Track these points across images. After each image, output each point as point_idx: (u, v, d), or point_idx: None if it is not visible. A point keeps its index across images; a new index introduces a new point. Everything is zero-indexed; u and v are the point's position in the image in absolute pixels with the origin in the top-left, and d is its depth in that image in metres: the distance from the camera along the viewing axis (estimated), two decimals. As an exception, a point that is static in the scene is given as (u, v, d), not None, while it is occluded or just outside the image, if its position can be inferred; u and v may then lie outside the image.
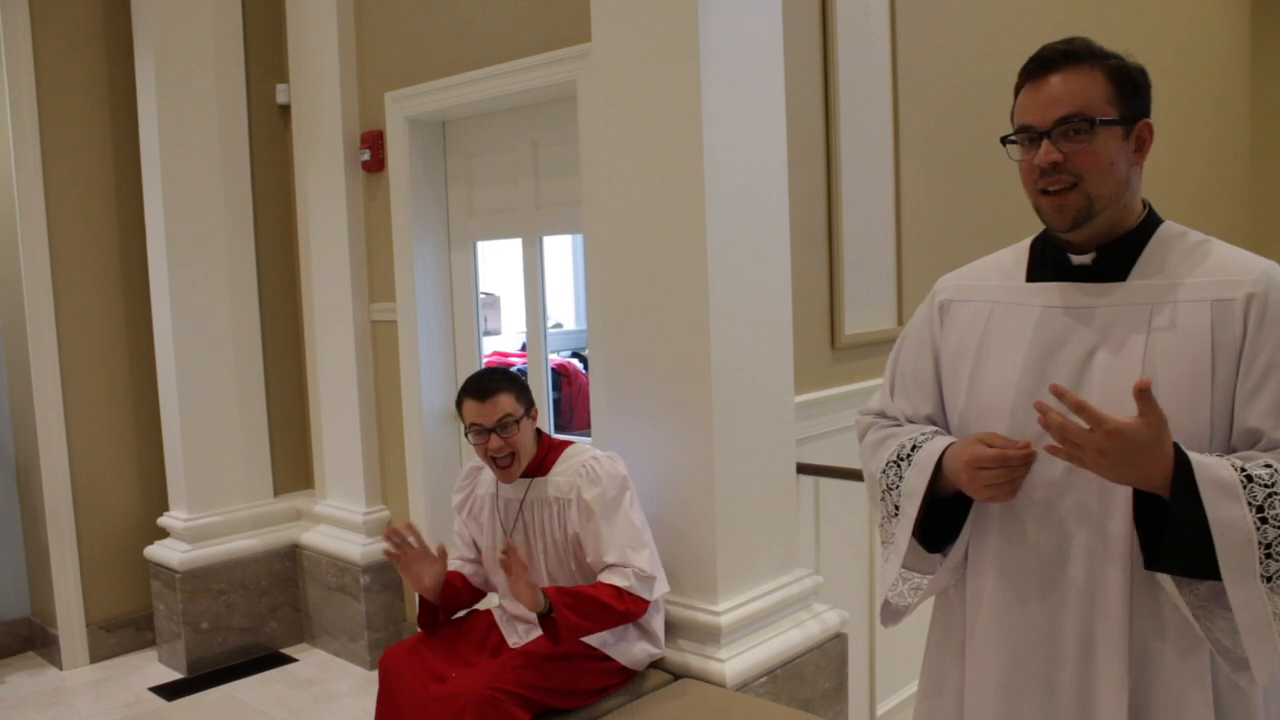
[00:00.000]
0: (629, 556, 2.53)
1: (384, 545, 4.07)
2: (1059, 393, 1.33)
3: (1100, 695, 1.47)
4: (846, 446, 3.21)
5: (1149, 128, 1.50)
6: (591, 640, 2.54)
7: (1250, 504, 1.32)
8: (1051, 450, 1.38)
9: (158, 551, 4.19)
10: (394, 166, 3.91)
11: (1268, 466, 1.34)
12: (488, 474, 2.79)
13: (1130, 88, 1.48)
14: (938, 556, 1.64)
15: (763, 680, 2.75)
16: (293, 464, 4.50)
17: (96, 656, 4.21)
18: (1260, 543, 1.31)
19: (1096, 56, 1.48)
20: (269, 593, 4.30)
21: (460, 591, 2.78)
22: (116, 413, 4.27)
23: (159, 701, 3.85)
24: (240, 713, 3.74)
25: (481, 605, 2.91)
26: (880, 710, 3.46)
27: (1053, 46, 1.50)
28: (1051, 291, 1.55)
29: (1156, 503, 1.38)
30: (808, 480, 3.14)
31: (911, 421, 1.70)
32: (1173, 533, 1.35)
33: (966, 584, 1.63)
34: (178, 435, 4.14)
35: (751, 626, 2.80)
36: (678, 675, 2.72)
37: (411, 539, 2.61)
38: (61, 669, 4.13)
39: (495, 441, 2.58)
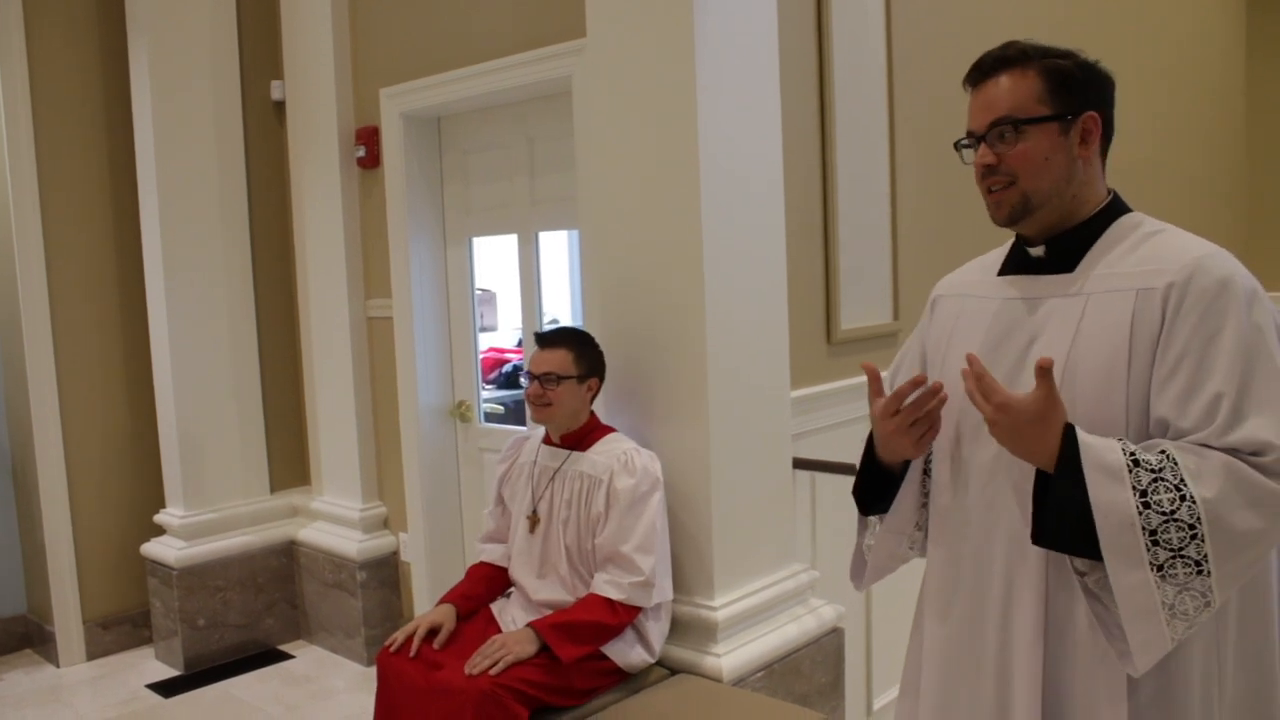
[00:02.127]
0: (636, 558, 2.54)
1: (384, 548, 4.09)
2: (970, 360, 1.41)
3: (1017, 673, 1.51)
4: (843, 441, 3.22)
5: (1094, 119, 1.52)
6: None
7: (1134, 488, 1.32)
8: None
9: (154, 549, 4.19)
10: (389, 163, 3.90)
11: (1162, 453, 1.35)
12: (531, 444, 2.85)
13: (1066, 84, 1.50)
14: (873, 520, 1.75)
15: (759, 675, 2.75)
16: (289, 460, 4.50)
17: (93, 654, 4.21)
18: (1145, 529, 1.32)
19: (1031, 57, 1.51)
20: (266, 589, 4.30)
21: (480, 597, 2.81)
22: (112, 409, 4.27)
23: (156, 699, 3.85)
24: (237, 709, 3.74)
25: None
26: (877, 705, 3.46)
27: (990, 53, 1.55)
28: (1008, 285, 1.61)
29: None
30: (804, 475, 3.14)
31: None
32: (1052, 510, 1.38)
33: (927, 562, 1.72)
34: (174, 432, 4.14)
35: (748, 621, 2.81)
36: (675, 670, 2.72)
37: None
38: (58, 666, 4.13)
39: (535, 389, 2.69)
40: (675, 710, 2.49)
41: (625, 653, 2.60)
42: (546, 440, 2.81)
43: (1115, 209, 1.55)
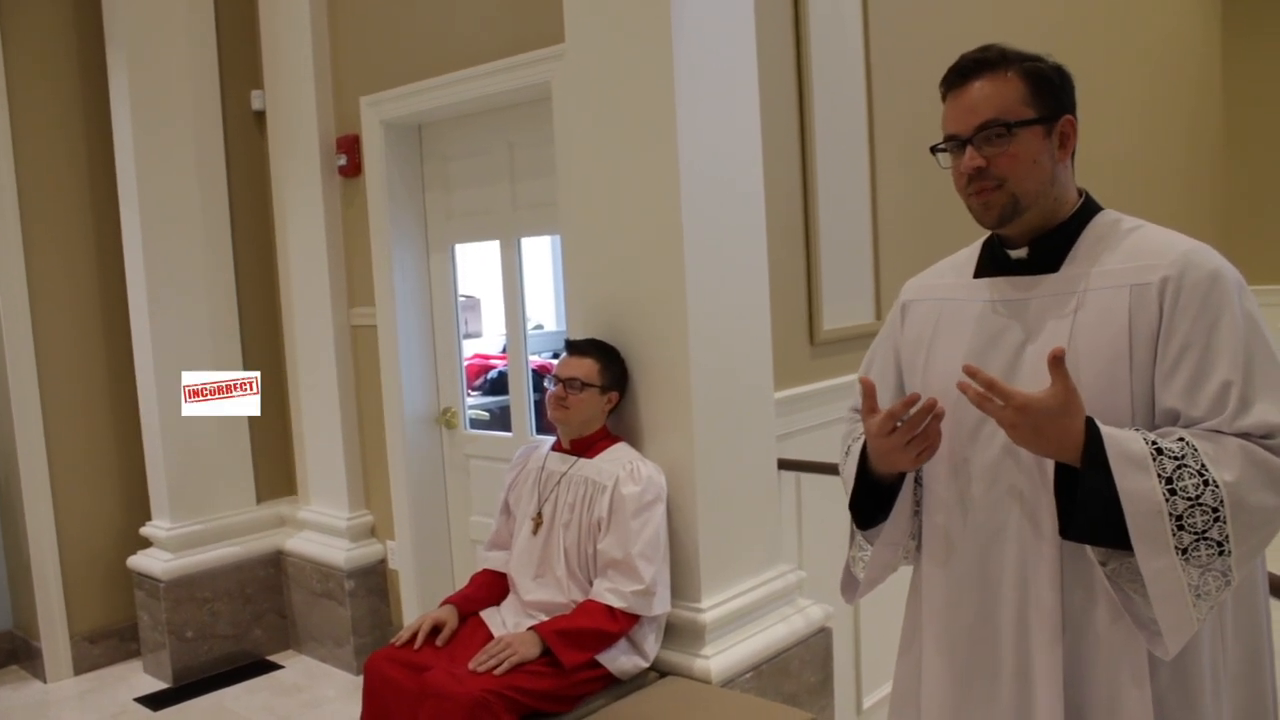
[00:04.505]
0: (638, 565, 2.56)
1: (371, 556, 4.07)
2: (971, 372, 1.40)
3: (1037, 673, 1.51)
4: (827, 441, 3.21)
5: (1071, 123, 1.54)
6: None
7: (1160, 476, 1.35)
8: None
9: (141, 561, 4.17)
10: (370, 171, 3.90)
11: (1180, 440, 1.37)
12: (539, 452, 2.89)
13: (1047, 87, 1.52)
14: (878, 531, 1.73)
15: (748, 676, 2.76)
16: (275, 470, 4.48)
17: (81, 668, 4.19)
18: (1171, 514, 1.34)
19: (1011, 60, 1.53)
20: (254, 600, 4.28)
21: (482, 601, 2.83)
22: (96, 422, 4.25)
23: (145, 712, 3.84)
24: (227, 721, 3.73)
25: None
26: (866, 703, 3.47)
27: (969, 55, 1.55)
28: (991, 286, 1.61)
29: (1076, 475, 1.42)
30: (789, 476, 3.15)
31: None
32: (1082, 503, 1.39)
33: (921, 575, 1.71)
34: (159, 444, 4.12)
35: (736, 623, 2.81)
36: (664, 672, 2.72)
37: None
38: (46, 682, 4.11)
39: (558, 391, 2.74)
40: (664, 713, 2.50)
41: (619, 660, 2.61)
42: (556, 447, 2.85)
43: (1090, 208, 1.58)
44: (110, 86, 4.11)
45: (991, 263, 1.64)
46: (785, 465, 3.06)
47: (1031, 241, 1.57)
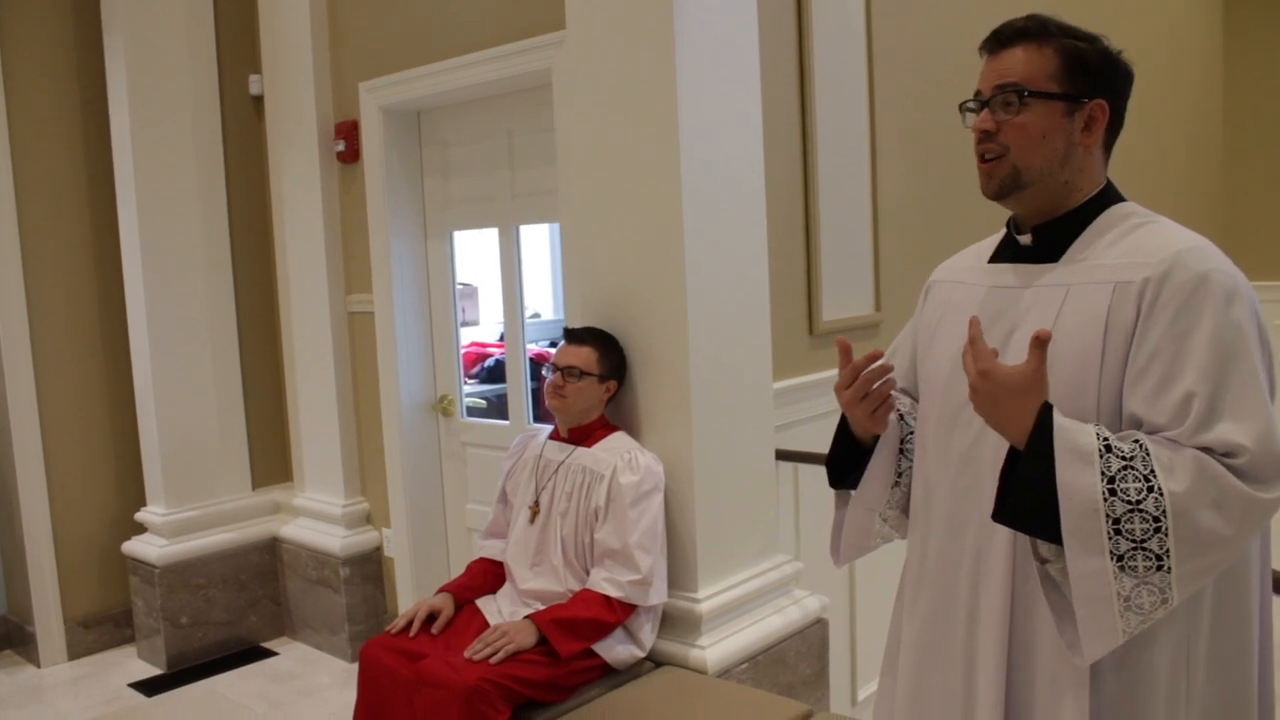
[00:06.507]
0: (636, 555, 2.56)
1: (367, 544, 4.07)
2: (971, 323, 1.41)
3: (981, 662, 1.51)
4: (826, 432, 3.20)
5: (1101, 107, 1.49)
6: None
7: (1103, 474, 1.30)
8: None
9: (136, 547, 4.17)
10: (369, 157, 3.88)
11: (1135, 442, 1.33)
12: (537, 441, 2.89)
13: (1081, 67, 1.48)
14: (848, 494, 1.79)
15: (744, 666, 2.76)
16: (271, 457, 4.48)
17: (75, 653, 4.18)
18: (1108, 516, 1.29)
19: (1051, 34, 1.50)
20: (249, 587, 4.28)
21: (478, 590, 2.82)
22: (92, 407, 4.24)
23: (139, 698, 3.83)
24: (221, 707, 3.73)
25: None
26: (862, 695, 3.48)
27: (1010, 22, 1.53)
28: (996, 272, 1.60)
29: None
30: (787, 466, 3.14)
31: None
32: (1017, 487, 1.36)
33: (910, 542, 1.74)
34: (154, 429, 4.11)
35: (732, 613, 2.81)
36: (659, 663, 2.72)
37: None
38: (40, 667, 4.11)
39: (556, 379, 2.74)
40: (660, 703, 2.50)
41: (615, 650, 2.60)
42: (554, 436, 2.84)
43: (1107, 198, 1.53)
44: (108, 71, 4.08)
45: (1005, 248, 1.62)
46: (783, 456, 3.06)
47: (1036, 228, 1.54)
